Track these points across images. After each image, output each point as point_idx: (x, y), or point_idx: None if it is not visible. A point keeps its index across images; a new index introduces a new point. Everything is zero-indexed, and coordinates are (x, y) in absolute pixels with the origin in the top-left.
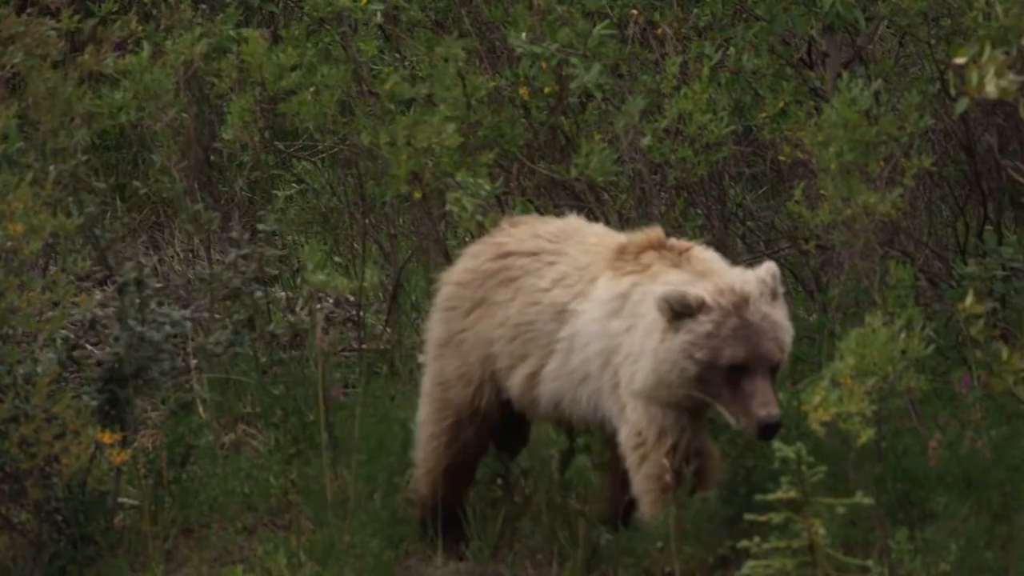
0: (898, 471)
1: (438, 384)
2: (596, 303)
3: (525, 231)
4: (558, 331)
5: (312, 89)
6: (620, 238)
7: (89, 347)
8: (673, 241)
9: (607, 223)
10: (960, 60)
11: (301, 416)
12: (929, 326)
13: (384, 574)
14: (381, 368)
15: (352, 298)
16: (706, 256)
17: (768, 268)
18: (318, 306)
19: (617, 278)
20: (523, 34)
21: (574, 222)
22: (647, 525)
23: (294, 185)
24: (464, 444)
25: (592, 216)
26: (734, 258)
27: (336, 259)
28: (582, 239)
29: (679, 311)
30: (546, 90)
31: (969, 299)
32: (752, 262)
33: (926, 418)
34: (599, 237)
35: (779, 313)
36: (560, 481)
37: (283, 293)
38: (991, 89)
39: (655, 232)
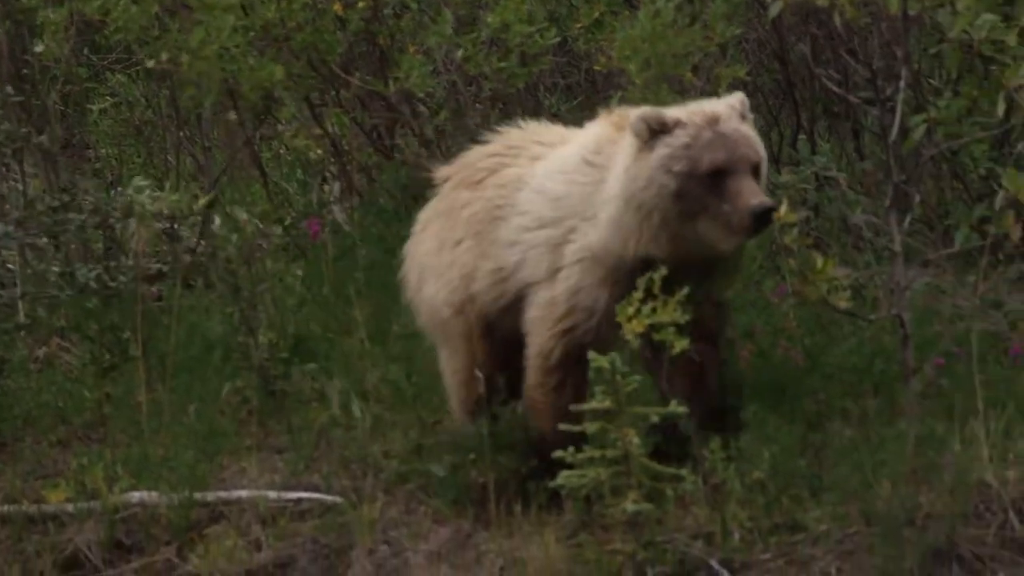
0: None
1: (434, 317)
2: (562, 155)
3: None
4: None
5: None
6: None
7: None
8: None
9: (422, 135)
10: None
11: (115, 330)
12: None
13: (199, 487)
14: (196, 281)
15: (167, 211)
16: None
17: (736, 95)
18: (132, 219)
19: (589, 133)
20: None
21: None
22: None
23: (108, 98)
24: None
25: (413, 129)
26: None
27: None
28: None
29: (656, 129)
30: (360, 4)
31: (783, 208)
32: None
33: (740, 327)
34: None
35: (750, 130)
36: (376, 393)
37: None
38: None
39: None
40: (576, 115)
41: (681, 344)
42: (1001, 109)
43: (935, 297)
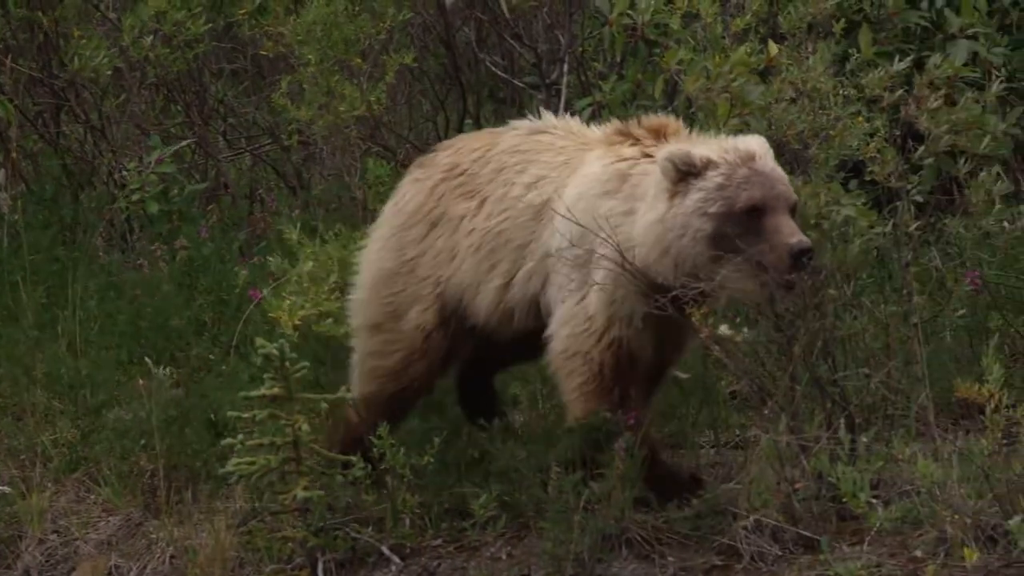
0: None
1: (389, 315)
2: (586, 179)
3: (475, 144)
4: (537, 232)
5: None
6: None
7: None
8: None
9: (87, 121)
10: None
11: None
12: None
13: None
14: None
15: None
16: None
17: (759, 137)
18: None
19: (613, 155)
20: None
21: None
22: (575, 427)
23: None
24: (412, 379)
25: (78, 115)
26: (216, 155)
27: None
28: (553, 140)
29: (684, 170)
30: None
31: None
32: (234, 159)
33: None
34: (574, 132)
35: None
36: (44, 381)
37: None
38: None
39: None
40: (243, 100)
41: (339, 331)
42: (659, 91)
43: None
